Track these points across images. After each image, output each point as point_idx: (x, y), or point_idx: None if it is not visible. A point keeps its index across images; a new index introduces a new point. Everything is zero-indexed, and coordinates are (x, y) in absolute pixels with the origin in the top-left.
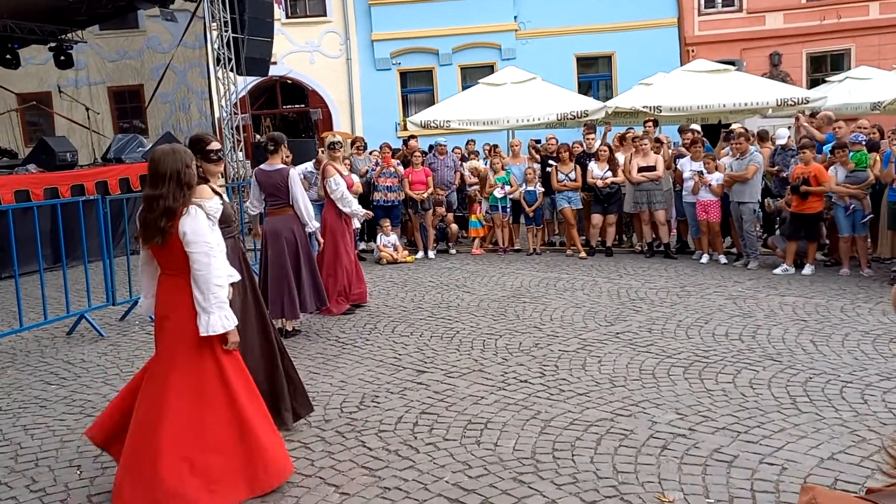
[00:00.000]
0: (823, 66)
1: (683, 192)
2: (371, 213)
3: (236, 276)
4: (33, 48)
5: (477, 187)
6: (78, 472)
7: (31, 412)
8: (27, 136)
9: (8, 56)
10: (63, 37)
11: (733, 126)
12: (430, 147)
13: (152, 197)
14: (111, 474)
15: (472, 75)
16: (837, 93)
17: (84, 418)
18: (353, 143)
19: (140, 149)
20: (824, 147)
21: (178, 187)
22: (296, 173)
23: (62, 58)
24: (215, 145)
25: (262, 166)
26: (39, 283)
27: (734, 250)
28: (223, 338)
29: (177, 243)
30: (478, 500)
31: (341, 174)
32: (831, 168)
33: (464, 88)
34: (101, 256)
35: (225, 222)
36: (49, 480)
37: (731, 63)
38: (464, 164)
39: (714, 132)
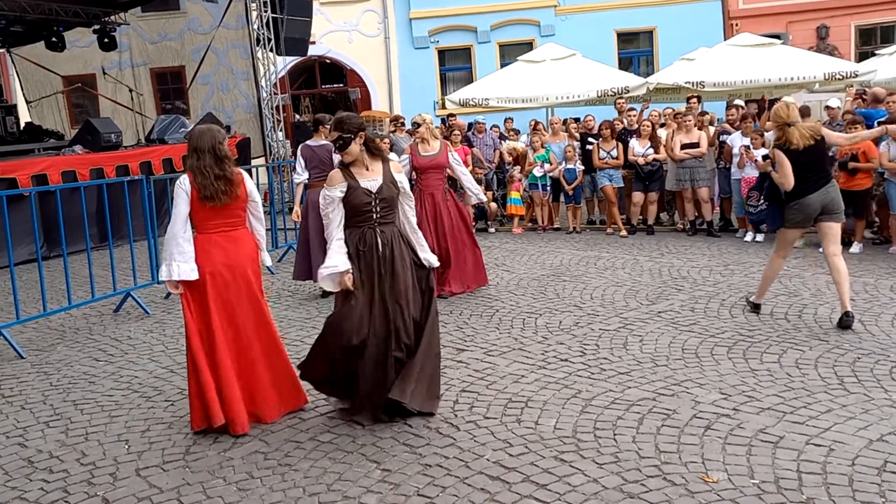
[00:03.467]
0: (873, 39)
1: (733, 169)
2: (484, 199)
3: (338, 267)
4: (77, 31)
5: (517, 167)
6: (126, 447)
7: (80, 388)
8: (73, 117)
9: (53, 39)
10: (106, 19)
11: (785, 98)
12: (469, 125)
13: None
14: (158, 449)
15: (510, 53)
16: (887, 66)
17: (131, 394)
18: (391, 122)
19: (182, 129)
20: (875, 123)
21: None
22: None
23: (105, 40)
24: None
25: (308, 142)
26: (87, 261)
27: None
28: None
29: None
30: (519, 478)
31: (416, 155)
32: (883, 143)
33: (502, 66)
34: (145, 235)
35: (352, 210)
36: (98, 454)
37: (777, 37)
38: (502, 142)
39: (758, 108)
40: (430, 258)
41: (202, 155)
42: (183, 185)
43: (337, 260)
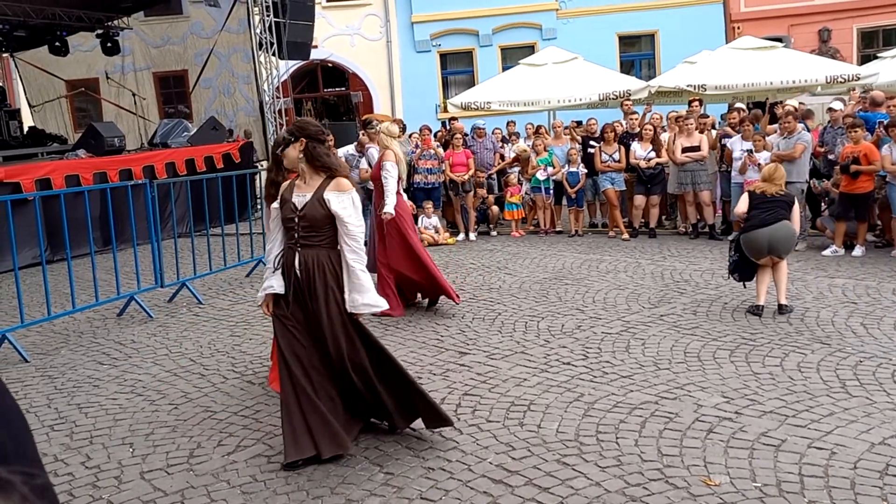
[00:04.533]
0: (875, 42)
1: (733, 173)
2: (392, 215)
3: (273, 288)
4: (81, 35)
5: (516, 168)
6: (131, 450)
7: (84, 391)
8: (76, 121)
9: (57, 44)
10: (109, 24)
11: (787, 102)
12: (470, 129)
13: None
14: (163, 452)
15: (512, 56)
16: (890, 69)
17: (135, 397)
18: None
19: (185, 133)
20: (876, 125)
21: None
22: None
23: (109, 44)
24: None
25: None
26: (91, 265)
27: None
28: None
29: None
30: (522, 482)
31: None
32: (885, 147)
33: (504, 69)
34: (149, 239)
35: (282, 225)
36: (103, 458)
37: (779, 40)
38: (505, 145)
39: (761, 111)
40: (352, 302)
41: (272, 160)
42: None
43: (272, 281)
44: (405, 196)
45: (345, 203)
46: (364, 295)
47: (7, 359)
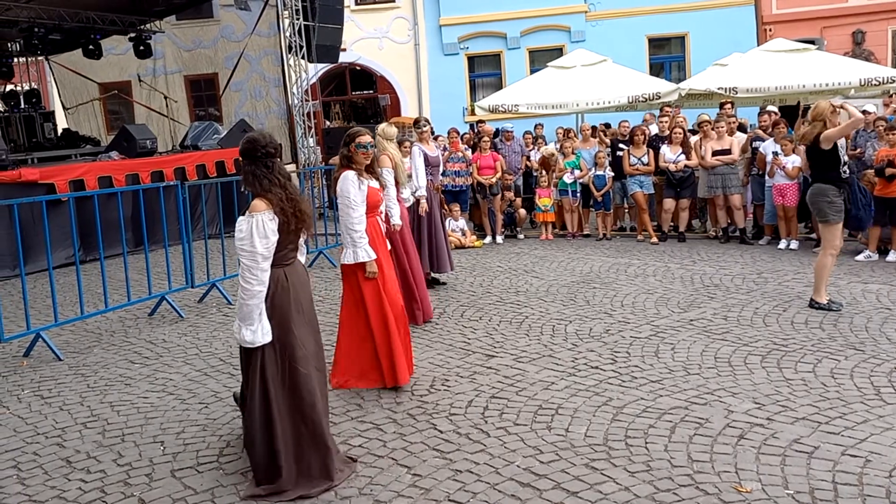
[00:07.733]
0: None
1: (766, 176)
2: (400, 225)
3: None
4: (114, 39)
5: (543, 171)
6: (162, 448)
7: (116, 389)
8: (109, 123)
9: (91, 47)
10: (142, 27)
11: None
12: (496, 132)
13: None
14: (193, 450)
15: (540, 59)
16: None
17: (166, 396)
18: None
19: (215, 136)
20: None
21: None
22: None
23: (141, 48)
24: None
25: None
26: (123, 266)
27: (814, 236)
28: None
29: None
30: (550, 485)
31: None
32: None
33: (532, 72)
34: (180, 240)
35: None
36: (134, 455)
37: (811, 42)
38: (533, 148)
39: (793, 114)
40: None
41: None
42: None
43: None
44: (407, 202)
45: (240, 224)
46: (238, 324)
47: (41, 357)
